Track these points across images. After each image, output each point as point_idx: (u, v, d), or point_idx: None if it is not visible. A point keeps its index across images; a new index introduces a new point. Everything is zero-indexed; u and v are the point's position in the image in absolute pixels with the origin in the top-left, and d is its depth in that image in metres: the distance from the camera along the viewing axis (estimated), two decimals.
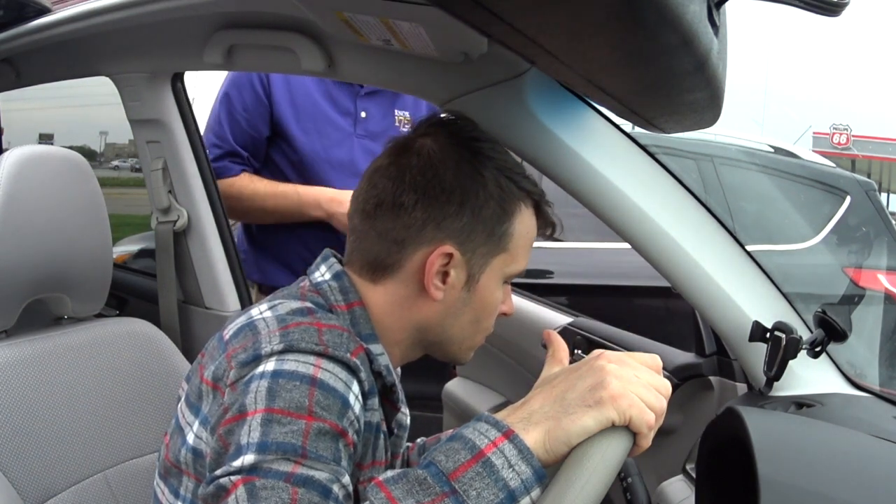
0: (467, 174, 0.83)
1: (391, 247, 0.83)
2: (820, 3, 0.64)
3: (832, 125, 14.59)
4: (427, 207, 0.82)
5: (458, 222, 0.82)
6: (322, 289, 0.84)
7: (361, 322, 0.83)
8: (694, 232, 1.05)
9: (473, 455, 0.63)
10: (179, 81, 1.50)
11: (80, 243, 1.14)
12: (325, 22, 0.96)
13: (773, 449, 0.80)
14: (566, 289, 2.83)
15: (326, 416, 0.68)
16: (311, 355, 0.71)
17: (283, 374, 0.69)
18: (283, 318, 0.76)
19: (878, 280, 2.81)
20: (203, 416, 0.76)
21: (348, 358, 0.73)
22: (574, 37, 0.55)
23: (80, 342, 1.13)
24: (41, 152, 1.11)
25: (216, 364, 0.77)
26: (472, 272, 0.85)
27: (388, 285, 0.85)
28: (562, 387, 0.69)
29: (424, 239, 0.83)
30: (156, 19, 1.17)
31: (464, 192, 0.83)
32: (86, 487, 1.06)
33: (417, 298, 0.84)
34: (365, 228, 0.85)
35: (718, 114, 0.89)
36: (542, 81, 0.99)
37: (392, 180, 0.83)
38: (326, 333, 0.74)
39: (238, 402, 0.70)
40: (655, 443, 0.74)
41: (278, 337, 0.73)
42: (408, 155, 0.84)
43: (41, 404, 1.03)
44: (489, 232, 0.84)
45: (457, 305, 0.85)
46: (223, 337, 0.80)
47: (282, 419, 0.66)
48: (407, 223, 0.82)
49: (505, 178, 0.85)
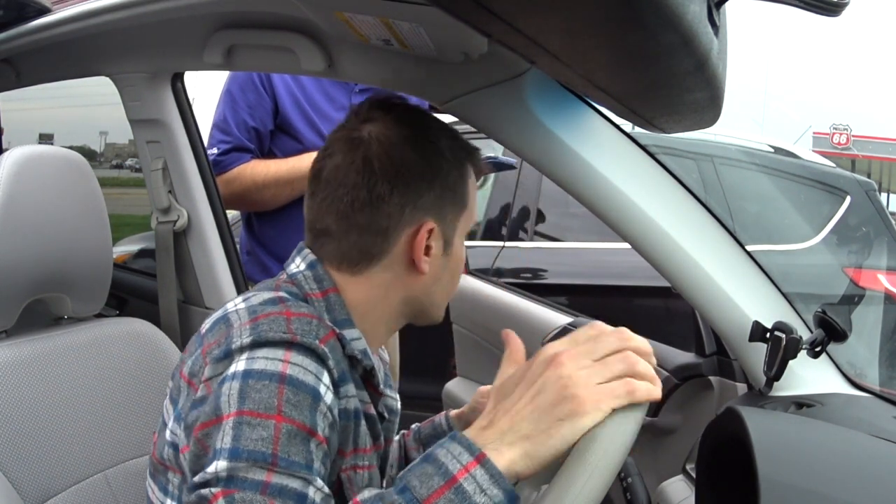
0: (426, 148, 0.86)
1: (376, 238, 0.84)
2: (820, 3, 0.64)
3: (832, 125, 14.58)
4: (403, 192, 0.83)
5: (431, 196, 0.85)
6: (297, 279, 0.86)
7: (337, 308, 0.84)
8: (694, 232, 1.05)
9: (446, 481, 0.64)
10: (179, 81, 1.50)
11: (80, 243, 1.14)
12: (325, 22, 0.96)
13: (773, 449, 0.80)
14: (566, 289, 2.83)
15: (296, 415, 0.69)
16: (280, 349, 0.72)
17: (253, 374, 0.70)
18: (255, 310, 0.77)
19: (878, 280, 2.81)
20: (177, 412, 0.78)
21: (316, 345, 0.73)
22: (574, 37, 0.55)
23: (80, 342, 1.13)
24: (41, 152, 1.11)
25: (193, 359, 0.78)
26: (448, 237, 0.88)
27: (372, 273, 0.86)
28: (525, 404, 0.67)
29: (406, 221, 0.84)
30: (156, 19, 1.17)
31: (429, 166, 0.85)
32: (86, 487, 1.06)
33: (404, 277, 0.86)
34: (343, 228, 0.85)
35: (718, 114, 0.89)
36: (542, 81, 0.99)
37: (360, 174, 0.83)
38: (295, 322, 0.75)
39: (213, 405, 0.71)
40: (655, 443, 0.74)
41: (248, 330, 0.74)
42: (363, 146, 0.84)
43: (41, 404, 1.03)
44: (454, 196, 0.88)
45: (439, 272, 0.88)
46: (201, 332, 0.81)
47: (252, 421, 0.67)
48: (388, 212, 0.83)
49: (454, 142, 0.89)
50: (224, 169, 1.62)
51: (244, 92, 1.62)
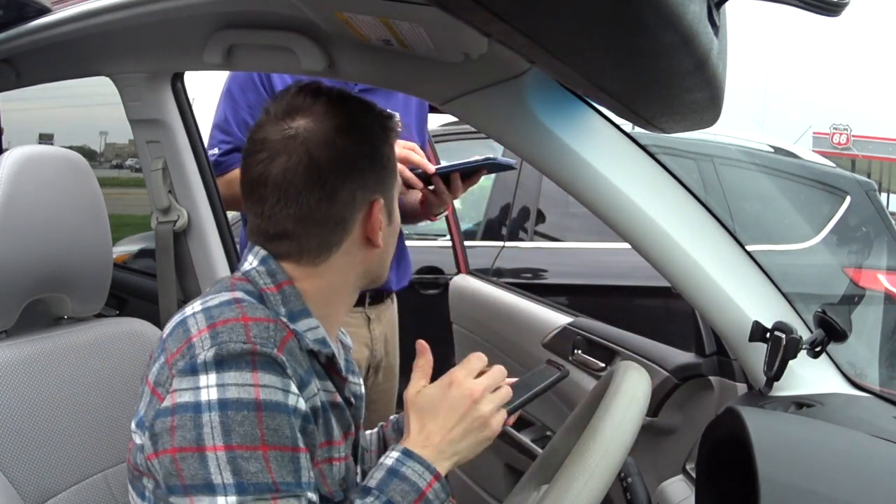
0: (359, 130, 0.88)
1: (335, 228, 0.87)
2: (820, 3, 0.64)
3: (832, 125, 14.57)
4: (352, 178, 0.86)
5: (374, 174, 0.89)
6: (250, 275, 0.87)
7: (292, 300, 0.86)
8: (694, 232, 1.05)
9: (418, 496, 0.82)
10: (179, 81, 1.50)
11: (80, 243, 1.14)
12: (325, 22, 0.96)
13: (773, 449, 0.80)
14: (566, 289, 2.83)
15: (278, 440, 0.76)
16: (247, 370, 0.76)
17: (230, 404, 0.75)
18: (212, 314, 0.80)
19: (878, 280, 2.81)
20: (139, 418, 0.81)
21: (275, 355, 0.77)
22: (574, 37, 0.55)
23: (80, 342, 1.13)
24: (41, 152, 1.11)
25: (158, 367, 0.80)
26: (390, 208, 0.93)
27: (332, 262, 0.88)
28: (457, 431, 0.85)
29: (359, 205, 0.88)
30: (156, 19, 1.17)
31: (367, 148, 0.89)
32: (86, 487, 1.06)
33: (361, 256, 0.90)
34: (303, 227, 0.86)
35: (718, 114, 0.89)
36: (542, 81, 0.99)
37: (308, 171, 0.84)
38: (253, 328, 0.78)
39: (192, 433, 0.75)
40: (655, 443, 0.74)
41: (209, 339, 0.77)
42: (304, 143, 0.85)
43: (41, 404, 1.03)
44: (388, 167, 0.92)
45: (387, 241, 0.93)
46: (162, 336, 0.84)
47: (244, 454, 0.74)
48: (343, 201, 0.86)
49: (376, 116, 0.92)
50: (225, 170, 1.62)
51: (244, 92, 1.61)
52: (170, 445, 0.76)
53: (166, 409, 0.77)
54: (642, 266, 1.11)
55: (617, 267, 2.74)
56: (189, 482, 0.75)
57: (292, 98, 0.88)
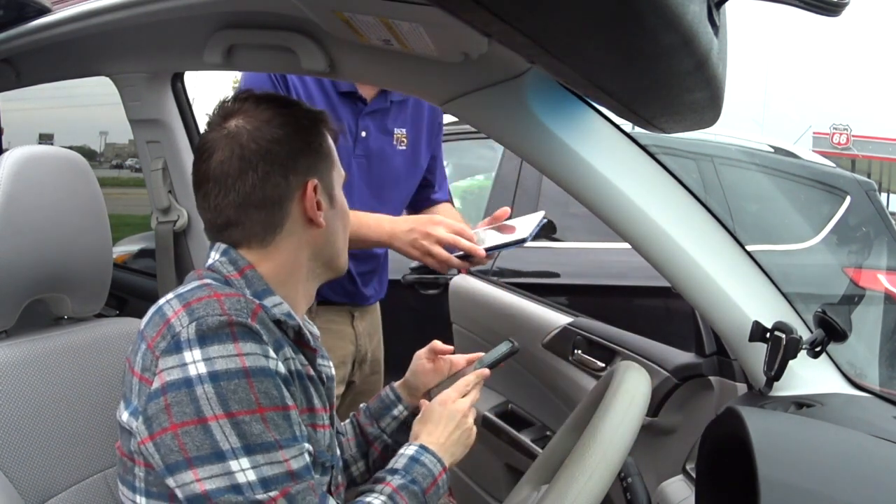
0: (288, 122, 0.96)
1: (273, 209, 0.94)
2: (820, 3, 0.64)
3: (832, 125, 14.57)
4: (282, 163, 0.94)
5: (306, 159, 0.96)
6: (214, 266, 0.95)
7: (255, 282, 0.94)
8: (694, 232, 1.05)
9: (433, 479, 0.98)
10: (179, 81, 1.50)
11: (80, 243, 1.14)
12: (325, 22, 0.96)
13: (773, 449, 0.80)
14: (566, 289, 2.83)
15: (269, 402, 0.82)
16: (228, 341, 0.82)
17: (220, 375, 0.81)
18: (185, 297, 0.87)
19: (878, 280, 2.81)
20: (133, 408, 0.85)
21: (250, 323, 0.84)
22: (574, 37, 0.55)
23: (80, 342, 1.13)
24: (41, 152, 1.11)
25: (140, 355, 0.85)
26: (329, 191, 0.99)
27: (279, 242, 0.96)
28: (455, 436, 1.03)
29: (293, 186, 0.95)
30: (156, 19, 1.17)
31: (295, 138, 0.96)
32: (86, 487, 1.06)
33: (305, 235, 0.97)
34: (243, 212, 0.94)
35: (718, 114, 0.89)
36: (542, 81, 0.99)
37: (241, 160, 0.93)
38: (226, 302, 0.85)
39: (190, 406, 0.80)
40: (655, 443, 0.74)
41: (186, 316, 0.83)
42: (235, 138, 0.93)
43: (41, 404, 1.03)
44: (322, 155, 0.99)
45: (333, 222, 1.00)
46: (140, 328, 0.89)
47: (245, 419, 0.80)
48: (276, 183, 0.94)
49: (305, 111, 1.00)
50: None
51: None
52: (168, 423, 0.80)
53: (156, 390, 0.82)
54: (642, 266, 1.11)
55: (617, 267, 2.73)
56: (195, 454, 0.79)
57: (224, 105, 0.98)
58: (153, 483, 0.84)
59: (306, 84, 1.48)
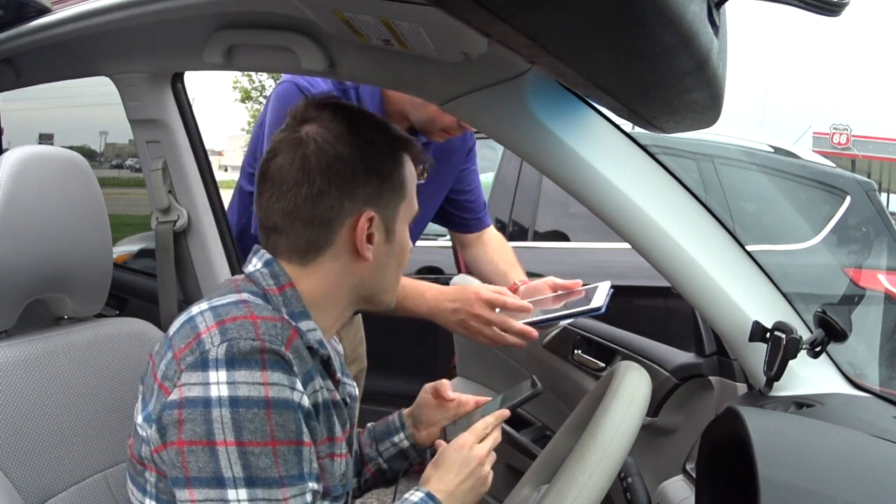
0: (359, 142, 0.91)
1: (319, 230, 0.90)
2: (820, 3, 0.64)
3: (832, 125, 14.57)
4: (340, 185, 0.89)
5: (369, 187, 0.91)
6: (254, 277, 0.92)
7: (293, 302, 0.90)
8: (694, 232, 1.05)
9: None
10: (179, 81, 1.50)
11: (80, 243, 1.14)
12: (325, 22, 0.96)
13: (773, 449, 0.80)
14: None
15: (284, 436, 0.80)
16: (256, 369, 0.79)
17: (240, 401, 0.78)
18: (219, 313, 0.83)
19: (878, 280, 2.81)
20: (146, 412, 0.83)
21: (283, 352, 0.81)
22: (574, 37, 0.55)
23: (80, 342, 1.13)
24: (41, 152, 1.11)
25: (165, 363, 0.83)
26: (388, 226, 0.94)
27: (321, 263, 0.92)
28: (467, 484, 0.97)
29: (346, 212, 0.90)
30: (156, 19, 1.17)
31: (364, 160, 0.91)
32: (86, 487, 1.06)
33: (350, 264, 0.93)
34: (290, 223, 0.90)
35: (718, 114, 0.89)
36: (542, 81, 0.99)
37: (300, 171, 0.89)
38: (262, 326, 0.81)
39: (202, 427, 0.78)
40: (655, 443, 0.74)
41: (218, 335, 0.80)
42: (302, 146, 0.90)
43: (41, 404, 1.03)
44: (391, 186, 0.94)
45: (384, 259, 0.95)
46: (168, 334, 0.87)
47: (254, 450, 0.78)
48: (328, 205, 0.89)
49: (387, 135, 0.94)
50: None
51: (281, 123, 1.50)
52: (177, 438, 0.79)
53: (173, 402, 0.80)
54: (642, 266, 1.11)
55: (617, 267, 2.73)
56: (195, 475, 0.78)
57: (305, 109, 0.93)
58: (164, 490, 0.83)
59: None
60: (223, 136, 39.66)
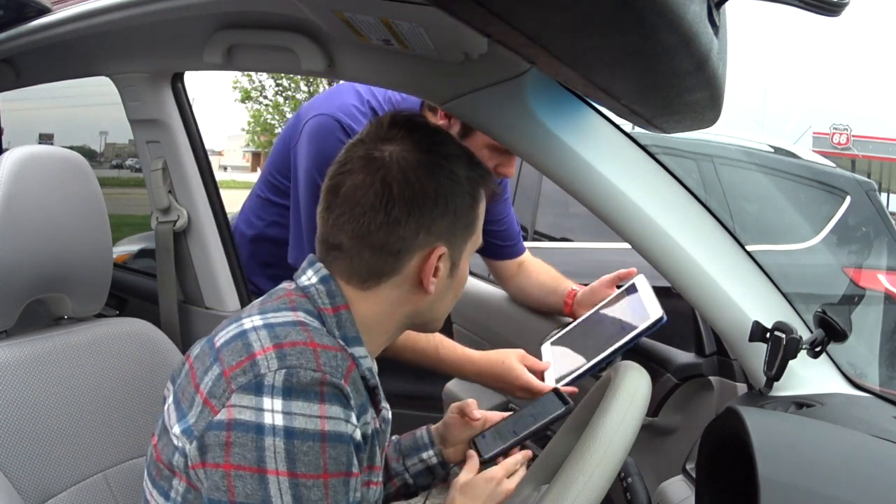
0: (443, 174, 0.87)
1: (387, 258, 0.87)
2: (820, 3, 0.64)
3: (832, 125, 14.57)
4: (418, 217, 0.86)
5: (444, 222, 0.88)
6: (309, 292, 0.87)
7: (347, 325, 0.87)
8: (694, 232, 1.05)
9: None
10: (179, 81, 1.50)
11: (80, 243, 1.14)
12: (325, 22, 0.96)
13: (773, 449, 0.80)
14: None
15: (336, 469, 0.77)
16: (315, 402, 0.76)
17: (296, 433, 0.75)
18: (276, 334, 0.79)
19: (878, 280, 2.81)
20: (187, 426, 0.79)
21: (343, 385, 0.78)
22: (574, 37, 0.55)
23: (80, 342, 1.13)
24: (41, 152, 1.11)
25: (213, 379, 0.79)
26: (455, 260, 0.91)
27: (380, 290, 0.88)
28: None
29: (418, 245, 0.87)
30: (156, 19, 1.17)
31: (445, 194, 0.87)
32: (86, 487, 1.06)
33: (410, 294, 0.90)
34: (357, 246, 0.86)
35: (718, 114, 0.89)
36: (542, 81, 0.99)
37: (378, 196, 0.85)
38: (322, 356, 0.78)
39: (253, 454, 0.75)
40: (655, 443, 0.74)
41: (276, 360, 0.77)
42: (383, 168, 0.85)
43: (41, 404, 1.03)
44: (465, 222, 0.90)
45: (443, 291, 0.92)
46: (214, 344, 0.82)
47: (307, 483, 0.76)
48: (402, 235, 0.86)
49: (469, 167, 0.90)
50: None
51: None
52: (223, 461, 0.76)
53: (220, 422, 0.76)
54: (642, 266, 1.11)
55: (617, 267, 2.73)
56: (241, 500, 0.75)
57: (393, 124, 0.89)
58: (192, 502, 0.81)
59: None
60: (223, 136, 39.65)
